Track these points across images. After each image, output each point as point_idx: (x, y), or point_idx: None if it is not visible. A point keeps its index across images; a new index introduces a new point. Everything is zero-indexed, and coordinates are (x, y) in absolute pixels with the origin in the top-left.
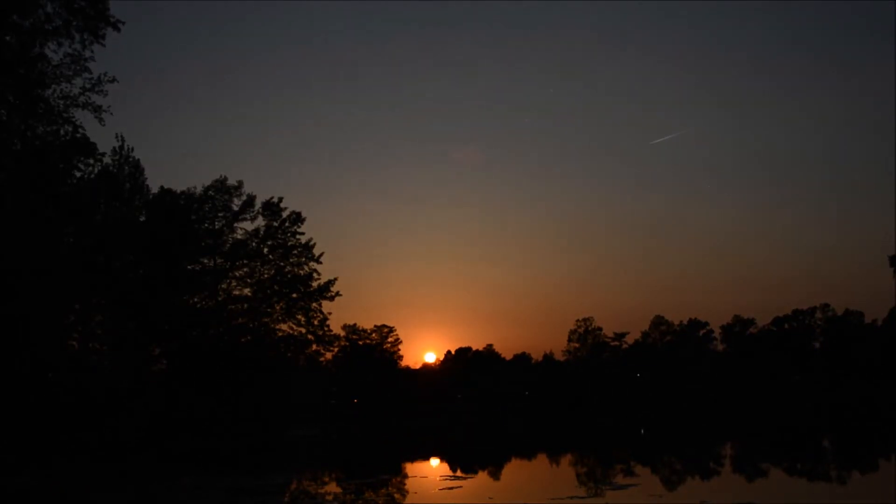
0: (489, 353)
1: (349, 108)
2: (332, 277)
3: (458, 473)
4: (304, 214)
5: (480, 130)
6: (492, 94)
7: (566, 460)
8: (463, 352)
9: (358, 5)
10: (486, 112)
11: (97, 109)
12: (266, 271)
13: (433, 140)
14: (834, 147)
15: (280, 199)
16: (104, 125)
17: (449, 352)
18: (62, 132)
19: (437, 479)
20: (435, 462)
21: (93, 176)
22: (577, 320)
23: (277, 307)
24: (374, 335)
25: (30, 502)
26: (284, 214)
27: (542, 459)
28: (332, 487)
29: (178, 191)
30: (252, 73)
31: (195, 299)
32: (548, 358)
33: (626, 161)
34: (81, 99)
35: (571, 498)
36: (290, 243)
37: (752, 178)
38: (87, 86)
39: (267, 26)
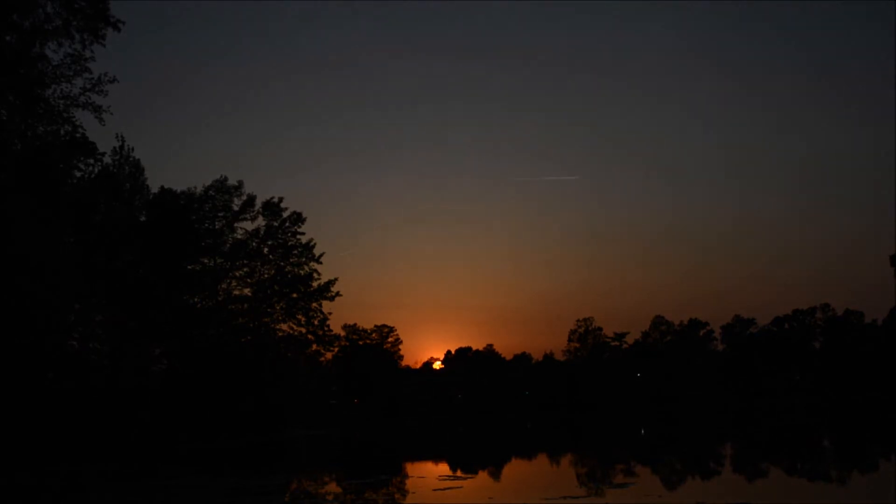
0: (489, 353)
1: (350, 108)
2: (332, 277)
3: (458, 473)
4: (304, 214)
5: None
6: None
7: (566, 460)
8: (463, 352)
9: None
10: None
11: (97, 109)
12: (266, 271)
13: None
14: (834, 148)
15: (280, 199)
16: (104, 125)
17: (449, 352)
18: (62, 132)
19: (437, 479)
20: (435, 462)
21: (93, 176)
22: (578, 320)
23: (277, 307)
24: (374, 335)
25: (30, 502)
26: (285, 214)
27: (542, 459)
28: (332, 487)
29: (178, 191)
30: (253, 72)
31: (195, 299)
32: (548, 358)
33: (626, 161)
34: (81, 99)
35: (571, 498)
36: (290, 243)
37: (751, 179)
38: (87, 86)
39: (265, 26)
